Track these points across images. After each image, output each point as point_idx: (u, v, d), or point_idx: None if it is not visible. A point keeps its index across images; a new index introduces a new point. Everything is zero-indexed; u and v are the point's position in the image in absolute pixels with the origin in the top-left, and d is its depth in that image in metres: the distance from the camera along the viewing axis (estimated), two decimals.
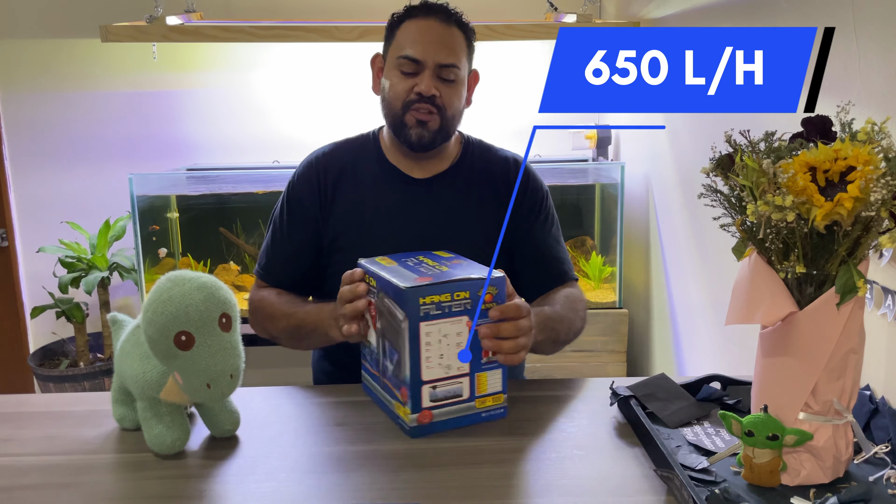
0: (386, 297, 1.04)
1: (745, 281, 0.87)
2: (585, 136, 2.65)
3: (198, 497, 0.90)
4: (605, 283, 2.60)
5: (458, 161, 1.42)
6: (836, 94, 1.21)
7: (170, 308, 0.92)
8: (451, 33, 1.33)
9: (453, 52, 1.32)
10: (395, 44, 1.34)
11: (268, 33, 2.35)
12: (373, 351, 1.12)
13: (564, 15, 2.55)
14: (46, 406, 1.18)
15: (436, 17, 1.33)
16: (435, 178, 1.40)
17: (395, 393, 1.06)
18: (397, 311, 1.01)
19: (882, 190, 0.76)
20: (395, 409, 1.07)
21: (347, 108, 2.79)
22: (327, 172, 1.40)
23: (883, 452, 0.93)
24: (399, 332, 1.01)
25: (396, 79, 1.33)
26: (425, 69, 1.31)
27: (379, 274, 1.06)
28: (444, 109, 1.32)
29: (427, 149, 1.36)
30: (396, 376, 1.04)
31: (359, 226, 1.37)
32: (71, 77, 2.72)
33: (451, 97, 1.33)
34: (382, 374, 1.10)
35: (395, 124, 1.35)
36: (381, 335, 1.08)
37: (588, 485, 0.92)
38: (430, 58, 1.30)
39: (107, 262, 2.61)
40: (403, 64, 1.31)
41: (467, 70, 1.38)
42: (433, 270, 1.06)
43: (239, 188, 2.69)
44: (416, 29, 1.32)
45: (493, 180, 1.41)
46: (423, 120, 1.31)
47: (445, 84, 1.32)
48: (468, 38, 1.36)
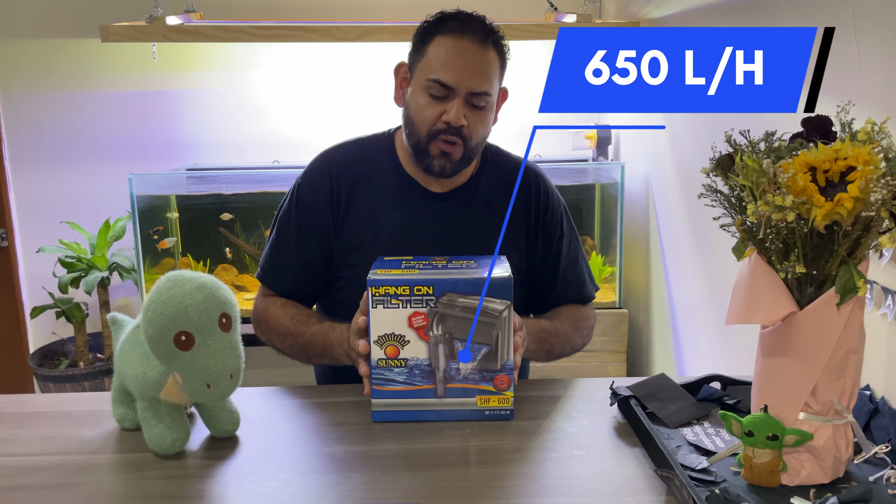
0: (461, 297, 1.06)
1: (745, 281, 0.87)
2: (585, 136, 2.65)
3: (198, 497, 0.90)
4: (605, 283, 2.60)
5: (477, 173, 1.37)
6: (836, 94, 1.21)
7: (170, 308, 0.92)
8: (487, 57, 1.24)
9: (487, 80, 1.24)
10: (426, 61, 1.25)
11: (268, 33, 2.35)
12: (416, 366, 1.09)
13: (564, 15, 2.55)
14: (46, 406, 1.18)
15: (472, 38, 1.23)
16: (454, 193, 1.34)
17: (482, 388, 1.09)
18: (493, 304, 1.06)
19: (882, 190, 0.76)
20: (479, 404, 1.09)
21: (347, 108, 2.79)
22: (341, 181, 1.33)
23: (883, 452, 0.93)
24: (495, 322, 1.06)
25: (425, 102, 1.24)
26: (456, 96, 1.23)
27: (438, 279, 1.06)
28: (470, 140, 1.26)
29: (448, 177, 1.31)
30: (487, 369, 1.08)
31: (373, 241, 1.31)
32: (71, 77, 2.72)
33: (477, 126, 1.26)
34: (446, 381, 1.09)
35: (418, 150, 1.28)
36: (440, 341, 1.07)
37: (588, 485, 0.92)
38: (462, 86, 1.22)
39: (107, 262, 2.61)
40: (433, 87, 1.23)
41: (498, 91, 1.31)
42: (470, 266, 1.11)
43: (239, 188, 2.69)
44: (450, 50, 1.23)
45: (510, 194, 1.35)
46: (447, 151, 1.25)
47: (475, 111, 1.25)
48: (501, 58, 1.28)
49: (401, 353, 1.08)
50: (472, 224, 1.34)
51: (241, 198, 2.70)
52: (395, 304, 1.06)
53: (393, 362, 1.08)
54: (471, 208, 1.34)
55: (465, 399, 1.09)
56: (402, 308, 1.06)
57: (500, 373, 1.08)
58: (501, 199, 1.35)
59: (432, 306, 1.06)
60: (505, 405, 1.09)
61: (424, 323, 1.07)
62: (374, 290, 1.06)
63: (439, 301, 1.06)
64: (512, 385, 1.09)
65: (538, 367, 2.47)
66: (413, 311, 1.06)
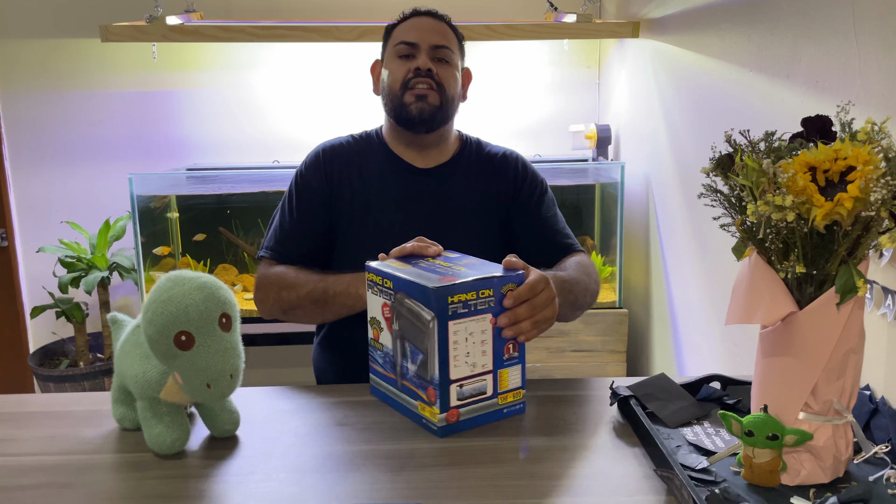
0: (407, 298, 1.04)
1: (745, 281, 0.87)
2: (585, 136, 2.66)
3: (198, 497, 0.90)
4: (606, 283, 2.60)
5: (457, 154, 1.49)
6: (836, 94, 1.21)
7: (170, 308, 0.92)
8: (443, 26, 1.44)
9: (445, 38, 1.42)
10: (392, 41, 1.44)
11: (268, 33, 2.35)
12: (387, 353, 1.12)
13: (564, 15, 2.55)
14: (46, 406, 1.18)
15: (427, 17, 1.44)
16: (438, 168, 1.46)
17: (420, 394, 1.05)
18: (424, 312, 1.01)
19: (882, 190, 0.76)
20: (419, 410, 1.07)
21: (347, 108, 2.80)
22: (333, 161, 1.45)
23: (883, 452, 0.93)
24: (426, 332, 1.01)
25: (395, 65, 1.41)
26: (421, 51, 1.39)
27: (397, 275, 1.06)
28: (443, 87, 1.39)
29: (428, 126, 1.40)
30: (421, 377, 1.04)
31: (365, 213, 1.41)
32: (71, 77, 2.72)
33: (447, 77, 1.41)
34: (401, 377, 1.09)
35: (396, 107, 1.40)
36: (398, 337, 1.08)
37: (588, 485, 0.92)
38: (424, 40, 1.40)
39: (107, 262, 2.61)
40: (400, 49, 1.41)
41: (460, 63, 1.46)
42: (451, 270, 1.07)
43: (239, 188, 2.69)
44: (409, 24, 1.44)
45: (490, 173, 1.47)
46: (422, 94, 1.38)
47: (441, 64, 1.40)
48: (458, 38, 1.47)
49: (380, 338, 1.13)
50: (456, 196, 1.44)
51: (241, 198, 2.70)
52: (376, 293, 1.12)
53: (376, 344, 1.15)
54: (454, 182, 1.45)
55: (411, 399, 1.08)
56: (378, 296, 1.11)
57: (429, 385, 1.03)
58: (481, 176, 1.46)
59: (392, 302, 1.08)
60: (432, 419, 1.03)
61: (389, 315, 1.10)
62: (368, 273, 1.13)
63: (395, 298, 1.07)
64: (438, 402, 1.02)
65: (538, 366, 2.47)
66: (383, 301, 1.10)
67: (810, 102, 1.30)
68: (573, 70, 2.89)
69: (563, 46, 2.85)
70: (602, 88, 2.89)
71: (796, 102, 1.35)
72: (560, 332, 2.46)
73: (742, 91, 1.60)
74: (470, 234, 1.40)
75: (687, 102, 1.97)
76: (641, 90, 2.38)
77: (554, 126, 2.88)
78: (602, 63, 2.88)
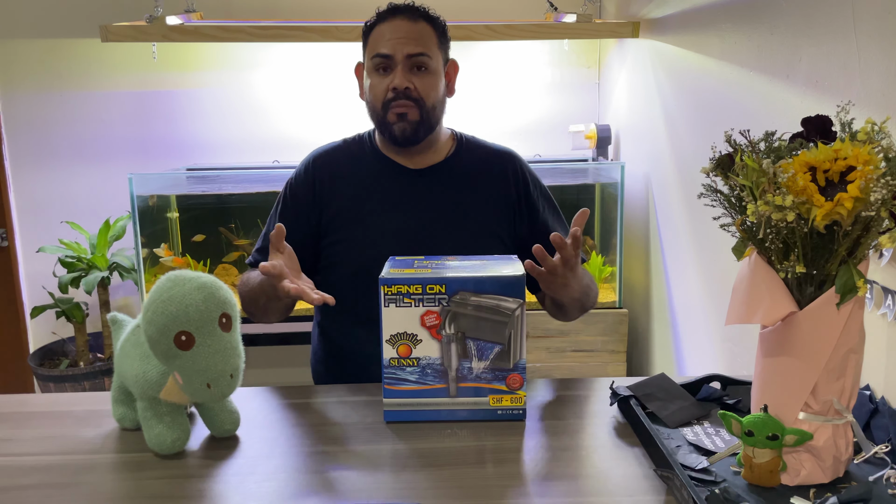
0: (474, 296, 1.05)
1: (745, 281, 0.87)
2: (585, 135, 2.66)
3: (198, 497, 0.90)
4: (605, 283, 2.60)
5: (452, 154, 1.47)
6: (836, 94, 1.21)
7: (170, 308, 0.92)
8: (419, 27, 1.38)
9: (421, 43, 1.37)
10: (369, 48, 1.41)
11: (268, 33, 2.35)
12: (428, 365, 1.08)
13: (564, 15, 2.55)
14: (46, 406, 1.18)
15: (402, 16, 1.39)
16: (431, 169, 1.44)
17: (496, 387, 1.09)
18: (505, 302, 1.05)
19: (882, 190, 0.76)
20: (491, 404, 1.09)
21: (347, 108, 2.79)
22: (323, 169, 1.44)
23: (883, 452, 0.93)
24: (508, 321, 1.06)
25: (374, 79, 1.39)
26: (397, 64, 1.36)
27: (451, 277, 1.06)
28: (423, 101, 1.37)
29: (412, 142, 1.39)
30: (498, 368, 1.08)
31: (358, 217, 1.41)
32: (71, 77, 2.72)
33: (426, 88, 1.38)
34: (459, 380, 1.08)
35: (380, 124, 1.41)
36: (453, 340, 1.07)
37: (588, 485, 0.92)
38: (398, 51, 1.36)
39: (107, 261, 2.61)
40: (377, 62, 1.38)
41: (442, 60, 1.43)
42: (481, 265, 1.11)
43: (239, 188, 2.69)
44: (384, 29, 1.39)
45: (489, 172, 1.45)
46: (402, 113, 1.36)
47: (419, 75, 1.37)
48: (438, 30, 1.41)
49: (413, 353, 1.07)
50: (450, 197, 1.42)
51: (241, 198, 2.70)
52: (408, 303, 1.06)
53: (405, 361, 1.08)
54: (450, 184, 1.43)
55: (477, 399, 1.09)
56: (415, 307, 1.06)
57: (513, 372, 1.08)
58: (479, 176, 1.45)
59: (445, 305, 1.06)
60: (518, 405, 1.09)
61: (437, 322, 1.06)
62: (387, 288, 1.05)
63: (452, 300, 1.05)
64: (525, 384, 1.09)
65: (538, 366, 2.47)
66: (425, 309, 1.06)
67: (810, 102, 1.30)
68: (573, 70, 2.89)
69: (562, 46, 2.85)
70: (602, 88, 2.89)
71: (796, 102, 1.35)
72: (560, 332, 2.46)
73: (742, 91, 1.60)
74: (465, 234, 1.40)
75: (687, 102, 1.97)
76: (641, 90, 2.38)
77: (554, 126, 2.87)
78: (602, 63, 2.88)
